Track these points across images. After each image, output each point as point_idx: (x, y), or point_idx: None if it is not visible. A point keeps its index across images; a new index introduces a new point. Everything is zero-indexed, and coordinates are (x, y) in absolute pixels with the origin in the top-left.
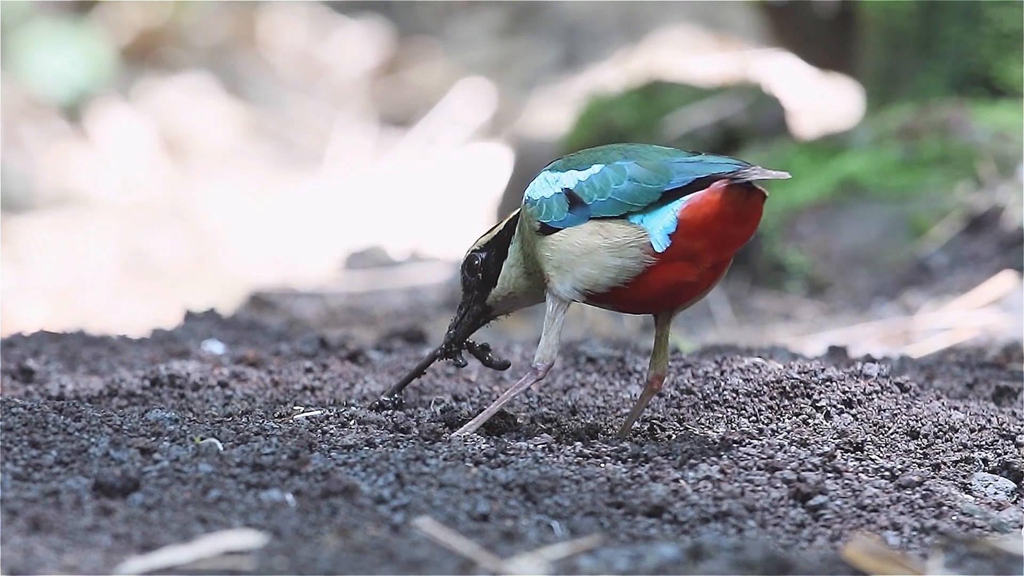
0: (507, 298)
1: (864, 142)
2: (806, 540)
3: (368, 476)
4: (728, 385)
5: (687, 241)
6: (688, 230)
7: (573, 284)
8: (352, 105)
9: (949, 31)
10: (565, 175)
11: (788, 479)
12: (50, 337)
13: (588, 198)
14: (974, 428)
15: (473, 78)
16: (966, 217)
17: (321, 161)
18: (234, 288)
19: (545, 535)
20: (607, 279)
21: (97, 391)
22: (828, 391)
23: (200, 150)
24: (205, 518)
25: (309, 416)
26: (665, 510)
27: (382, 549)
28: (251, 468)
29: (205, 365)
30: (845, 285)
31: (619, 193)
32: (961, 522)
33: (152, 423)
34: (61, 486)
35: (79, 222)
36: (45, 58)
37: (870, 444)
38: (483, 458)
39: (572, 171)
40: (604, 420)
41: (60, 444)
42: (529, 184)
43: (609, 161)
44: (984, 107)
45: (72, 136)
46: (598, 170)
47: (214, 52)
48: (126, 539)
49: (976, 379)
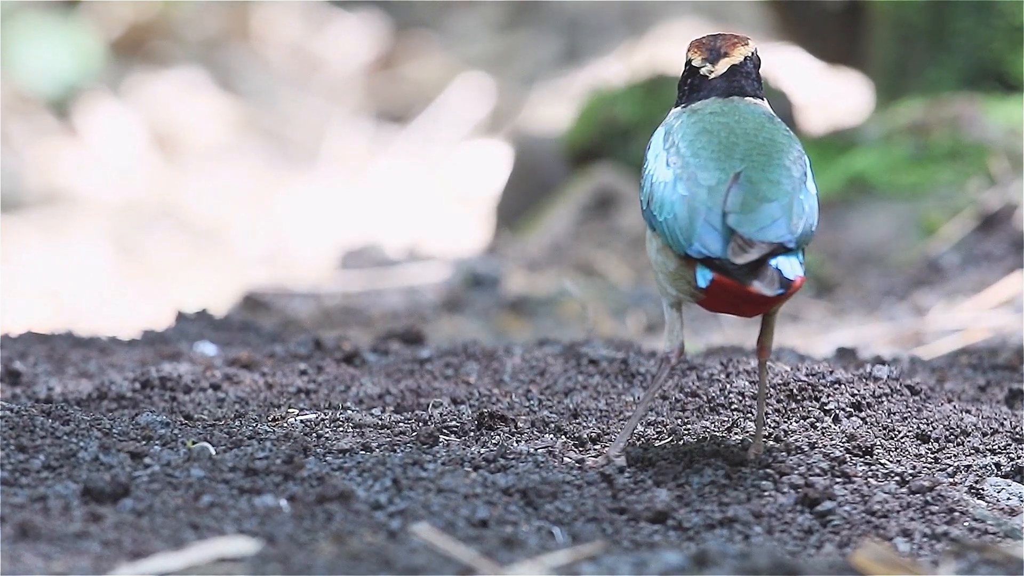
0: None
1: (873, 138)
2: (814, 547)
3: (364, 481)
4: (734, 387)
5: (720, 300)
6: (717, 295)
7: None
8: (348, 100)
9: (961, 24)
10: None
11: (795, 484)
12: (38, 338)
13: (653, 211)
14: (986, 432)
15: (472, 73)
16: (978, 215)
17: (316, 158)
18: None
19: (546, 541)
20: (673, 294)
21: (86, 394)
22: (836, 393)
23: (192, 146)
24: (197, 524)
25: (304, 419)
26: (669, 516)
27: (379, 556)
28: (244, 473)
29: (197, 367)
30: (854, 285)
31: (662, 225)
32: (973, 528)
33: (143, 427)
34: (49, 491)
35: (68, 220)
36: (33, 52)
37: (880, 448)
38: (482, 462)
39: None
40: (607, 424)
41: (48, 448)
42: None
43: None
44: (996, 102)
45: (61, 132)
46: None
47: (206, 46)
48: (116, 546)
49: (988, 381)
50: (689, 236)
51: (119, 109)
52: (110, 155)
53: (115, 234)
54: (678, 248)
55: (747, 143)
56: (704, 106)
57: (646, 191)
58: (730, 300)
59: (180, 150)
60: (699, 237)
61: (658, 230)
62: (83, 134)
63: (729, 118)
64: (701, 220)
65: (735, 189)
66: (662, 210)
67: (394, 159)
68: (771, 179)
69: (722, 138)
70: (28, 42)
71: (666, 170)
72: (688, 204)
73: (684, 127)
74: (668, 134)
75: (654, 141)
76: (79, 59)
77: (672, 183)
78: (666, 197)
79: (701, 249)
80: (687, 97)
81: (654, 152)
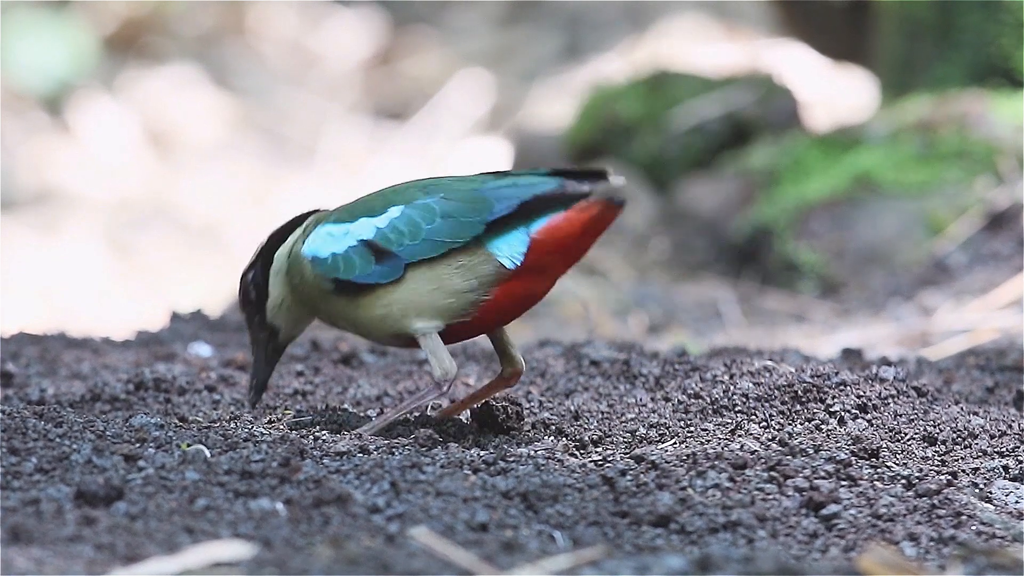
0: (283, 306)
1: (879, 136)
2: (819, 551)
3: (362, 484)
4: (737, 389)
5: (539, 259)
6: (543, 249)
7: (432, 316)
8: (345, 97)
9: (968, 20)
10: (355, 225)
11: (800, 487)
12: (30, 339)
13: (397, 245)
14: (994, 434)
15: (471, 69)
16: (986, 214)
17: (313, 156)
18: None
19: (547, 546)
20: (468, 301)
21: (79, 395)
22: (842, 395)
23: (186, 144)
24: (192, 528)
25: (300, 421)
26: (672, 519)
27: (377, 560)
28: (240, 476)
29: (192, 368)
30: (860, 285)
31: (434, 233)
32: (980, 532)
33: (136, 429)
34: (42, 494)
35: (60, 219)
36: (25, 48)
37: (886, 451)
38: (482, 465)
39: (363, 219)
40: (609, 426)
41: (40, 451)
42: (301, 243)
43: (408, 201)
44: (1004, 99)
45: (53, 129)
46: (398, 213)
47: (201, 42)
48: (109, 550)
49: (996, 383)
50: (483, 207)
51: (113, 106)
52: (104, 153)
53: (109, 233)
54: (468, 231)
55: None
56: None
57: (358, 243)
58: (555, 255)
59: (175, 148)
60: (498, 199)
61: (414, 254)
62: (76, 131)
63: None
64: (484, 190)
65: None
66: (416, 232)
67: (392, 157)
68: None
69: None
70: (20, 38)
71: (381, 215)
72: (448, 202)
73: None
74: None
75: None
76: (72, 55)
77: (401, 214)
78: (406, 218)
79: (511, 203)
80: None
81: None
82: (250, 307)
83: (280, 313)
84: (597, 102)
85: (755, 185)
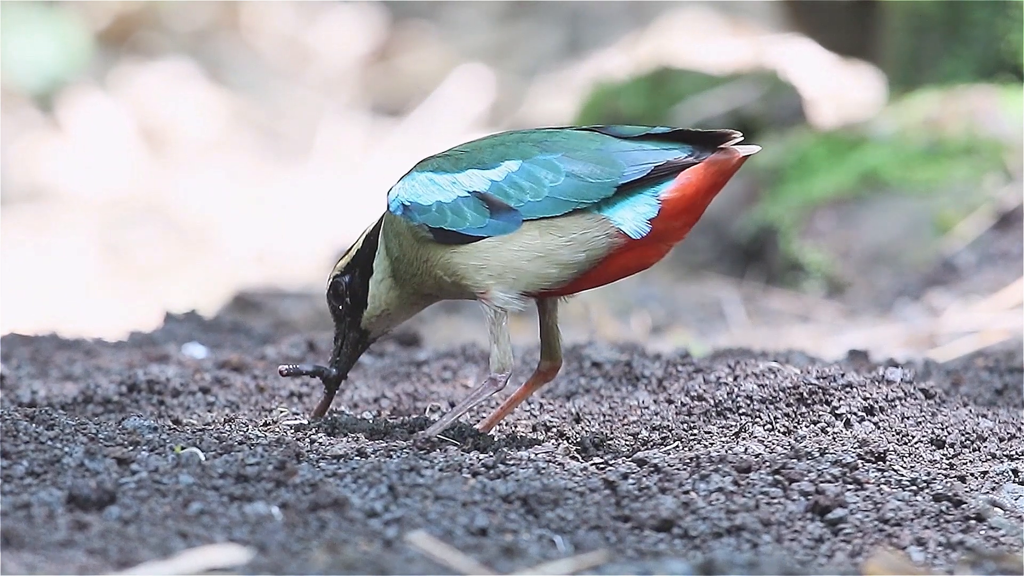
0: (382, 316)
1: (886, 133)
2: (825, 556)
3: (359, 488)
4: (742, 391)
5: (669, 223)
6: (674, 210)
7: (525, 288)
8: (342, 93)
9: (976, 15)
10: (463, 176)
11: (806, 491)
12: (21, 340)
13: (516, 200)
14: (1003, 437)
15: (471, 65)
16: (994, 212)
17: (309, 152)
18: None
19: (547, 550)
20: (569, 275)
21: (71, 398)
22: (848, 397)
23: (181, 141)
24: (186, 532)
25: (296, 424)
26: (675, 524)
27: (374, 565)
28: (235, 479)
29: (186, 370)
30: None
31: (560, 192)
32: (989, 537)
33: (129, 432)
34: (33, 498)
35: (52, 217)
36: (17, 44)
37: (893, 454)
38: (481, 469)
39: (472, 170)
40: (610, 428)
41: (32, 454)
42: (394, 188)
43: (526, 156)
44: (1013, 95)
45: (45, 126)
46: (516, 167)
47: (196, 37)
48: (102, 555)
49: (1005, 385)
50: (614, 170)
51: (105, 102)
52: (96, 150)
53: (101, 232)
54: (598, 192)
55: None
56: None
57: (469, 194)
58: (684, 216)
59: (168, 145)
60: (629, 163)
61: (534, 211)
62: (68, 128)
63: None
64: (613, 151)
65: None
66: (539, 190)
67: (390, 154)
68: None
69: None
70: (11, 34)
71: (494, 169)
72: (575, 161)
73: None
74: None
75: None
76: (64, 51)
77: (520, 168)
78: (527, 173)
79: (644, 168)
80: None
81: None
82: (346, 309)
83: (375, 320)
84: (599, 98)
85: (760, 183)
